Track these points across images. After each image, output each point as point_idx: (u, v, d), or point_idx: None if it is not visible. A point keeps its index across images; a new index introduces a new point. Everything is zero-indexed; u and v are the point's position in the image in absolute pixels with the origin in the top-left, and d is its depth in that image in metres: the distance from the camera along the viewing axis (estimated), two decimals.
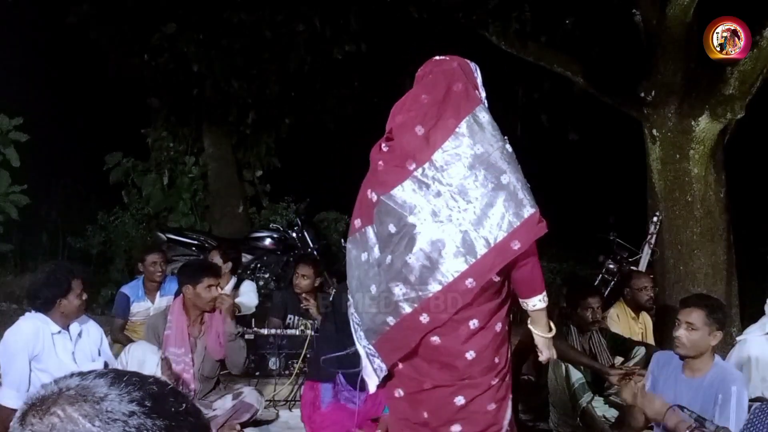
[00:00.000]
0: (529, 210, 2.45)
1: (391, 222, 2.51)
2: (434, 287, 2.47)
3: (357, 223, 2.64)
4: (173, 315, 4.18)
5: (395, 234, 2.49)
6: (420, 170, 2.49)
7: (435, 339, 2.55)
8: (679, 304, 3.41)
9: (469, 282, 2.45)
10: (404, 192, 2.50)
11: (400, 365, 2.64)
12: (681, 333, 3.21)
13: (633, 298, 5.25)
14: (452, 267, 2.45)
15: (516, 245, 2.44)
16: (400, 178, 2.51)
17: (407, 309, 2.51)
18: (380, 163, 2.57)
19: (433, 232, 2.46)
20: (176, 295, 4.54)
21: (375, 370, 2.64)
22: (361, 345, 2.67)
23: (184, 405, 0.89)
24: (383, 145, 2.63)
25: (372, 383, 2.68)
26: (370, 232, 2.59)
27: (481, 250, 2.44)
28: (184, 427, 0.87)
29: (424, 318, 2.50)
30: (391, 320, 2.54)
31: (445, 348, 2.56)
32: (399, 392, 2.68)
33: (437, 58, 2.70)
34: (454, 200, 2.46)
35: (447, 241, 2.45)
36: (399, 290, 2.50)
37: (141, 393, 0.86)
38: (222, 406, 4.21)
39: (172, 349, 4.06)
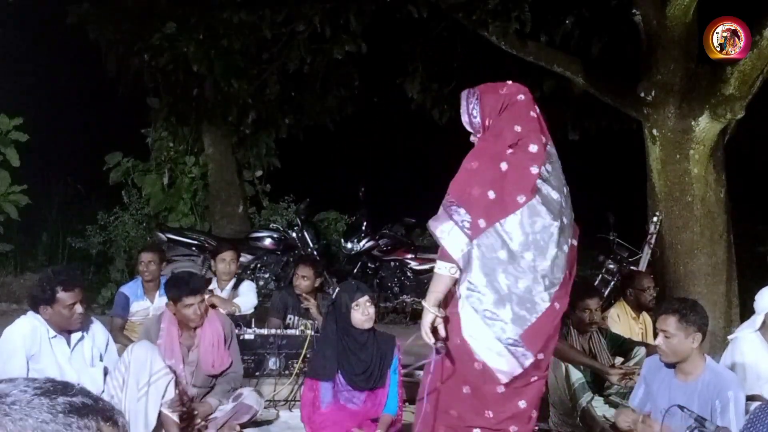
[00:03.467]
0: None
1: (538, 221, 2.79)
2: (558, 279, 2.84)
3: (482, 223, 2.77)
4: (165, 324, 4.10)
5: (539, 232, 2.78)
6: (542, 171, 2.84)
7: None
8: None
9: (567, 275, 2.90)
10: (541, 193, 2.81)
11: None
12: (660, 341, 3.27)
13: (636, 299, 5.24)
14: (563, 263, 2.84)
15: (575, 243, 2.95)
16: (534, 180, 2.81)
17: (548, 299, 2.82)
18: (532, 170, 2.81)
19: (559, 231, 2.82)
20: None
21: (518, 358, 2.81)
22: (500, 340, 2.80)
23: (76, 397, 0.89)
24: (509, 150, 2.84)
25: (507, 373, 2.83)
26: (500, 229, 2.77)
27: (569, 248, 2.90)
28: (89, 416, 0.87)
29: (557, 305, 2.84)
30: (540, 310, 2.81)
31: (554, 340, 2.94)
32: (500, 388, 2.87)
33: (510, 82, 3.01)
34: (559, 206, 2.84)
35: (563, 239, 2.84)
36: (545, 282, 2.80)
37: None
38: (222, 407, 4.20)
39: None
